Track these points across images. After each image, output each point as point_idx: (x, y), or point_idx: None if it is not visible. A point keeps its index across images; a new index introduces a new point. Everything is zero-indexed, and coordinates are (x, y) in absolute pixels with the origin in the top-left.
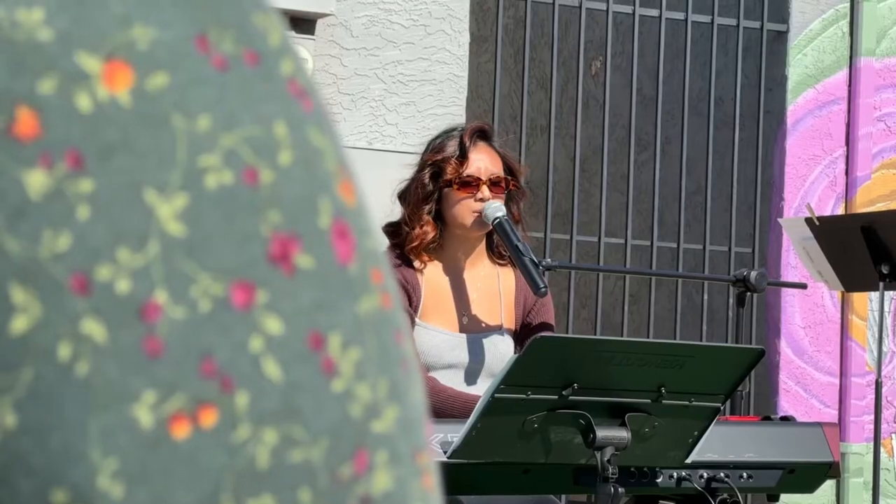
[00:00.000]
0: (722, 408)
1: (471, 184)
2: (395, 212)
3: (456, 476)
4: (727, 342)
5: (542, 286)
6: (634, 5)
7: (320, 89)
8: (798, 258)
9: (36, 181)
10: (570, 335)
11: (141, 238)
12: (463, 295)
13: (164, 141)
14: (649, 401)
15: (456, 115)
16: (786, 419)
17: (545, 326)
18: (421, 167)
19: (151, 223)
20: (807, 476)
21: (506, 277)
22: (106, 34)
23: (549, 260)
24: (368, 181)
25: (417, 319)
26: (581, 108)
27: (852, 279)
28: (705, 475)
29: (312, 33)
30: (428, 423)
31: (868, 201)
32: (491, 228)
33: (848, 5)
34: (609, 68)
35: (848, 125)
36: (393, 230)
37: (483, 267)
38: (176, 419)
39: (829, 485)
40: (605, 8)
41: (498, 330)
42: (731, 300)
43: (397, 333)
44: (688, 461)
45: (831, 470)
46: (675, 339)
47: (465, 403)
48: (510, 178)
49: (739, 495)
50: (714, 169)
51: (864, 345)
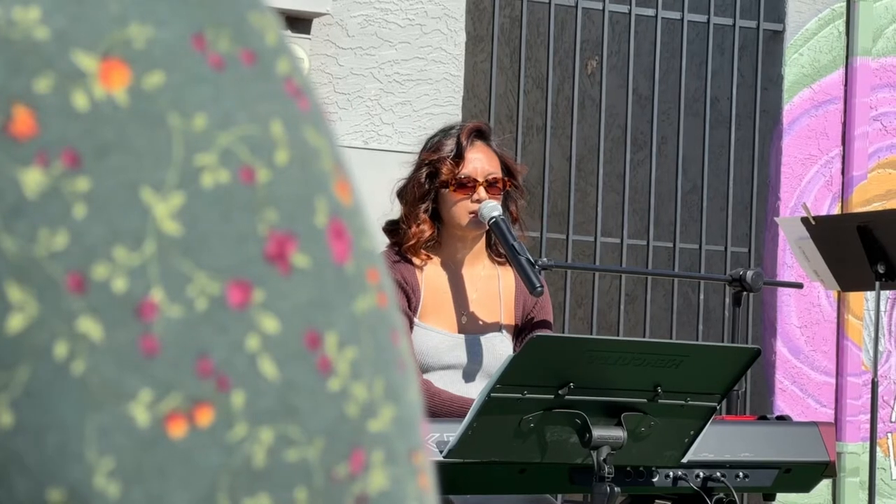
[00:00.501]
0: (718, 407)
1: (467, 185)
2: (394, 210)
3: (452, 475)
4: (723, 342)
5: (539, 286)
6: (630, 5)
7: (316, 89)
8: (794, 258)
9: (32, 180)
10: (567, 335)
11: (137, 237)
12: (462, 294)
13: (161, 140)
14: (645, 400)
15: (452, 115)
16: (782, 419)
17: (544, 325)
18: (418, 166)
19: (148, 222)
20: (803, 475)
21: (506, 277)
22: (102, 33)
23: (546, 259)
24: (364, 180)
25: (416, 320)
26: (577, 108)
27: (848, 279)
28: (701, 474)
29: (308, 32)
30: (424, 423)
31: (864, 201)
32: (486, 228)
33: (844, 5)
34: (605, 68)
35: (844, 125)
36: (393, 228)
37: (483, 266)
38: (172, 418)
39: (826, 484)
40: (602, 7)
41: (497, 330)
42: (728, 300)
43: (393, 333)
44: (684, 460)
45: (827, 469)
46: (672, 339)
47: (462, 407)
48: (507, 179)
49: (735, 495)
50: (710, 168)
51: (861, 344)
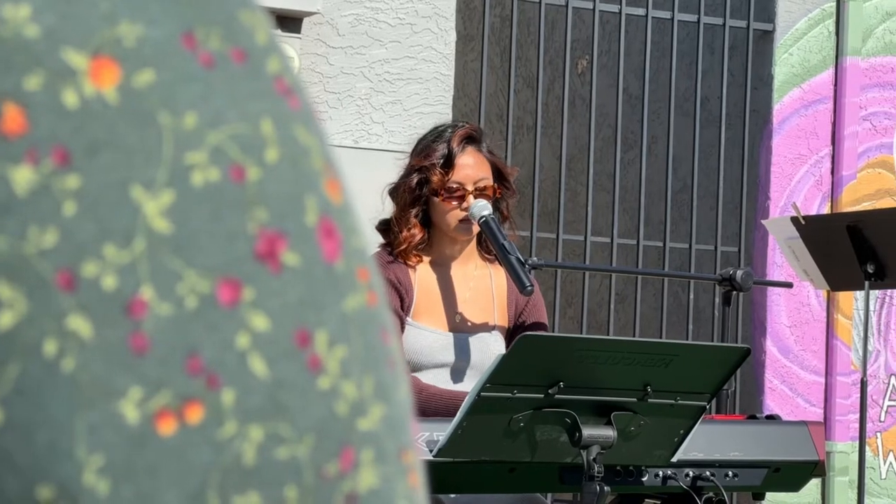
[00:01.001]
0: (707, 406)
1: (456, 193)
2: (385, 210)
3: (442, 475)
4: (713, 341)
5: (528, 285)
6: (621, 4)
7: (307, 87)
8: (784, 257)
9: (22, 177)
10: (556, 334)
11: (127, 234)
12: (454, 294)
13: (151, 138)
14: (635, 399)
15: (442, 114)
16: (771, 418)
17: (538, 326)
18: (408, 171)
19: (138, 220)
20: (792, 475)
21: (498, 276)
22: (93, 31)
23: (535, 259)
24: (355, 180)
25: (409, 319)
26: (567, 107)
27: (838, 278)
28: (691, 474)
29: (299, 32)
30: (414, 422)
31: (854, 200)
32: (477, 231)
33: (834, 5)
34: (595, 67)
35: (834, 124)
36: (386, 228)
37: (475, 265)
38: (162, 416)
39: (815, 483)
40: (592, 7)
41: (489, 329)
42: (717, 299)
43: (383, 331)
44: (673, 460)
45: (816, 469)
46: (661, 338)
47: (449, 401)
48: (497, 185)
49: (725, 494)
50: (700, 168)
51: (850, 344)
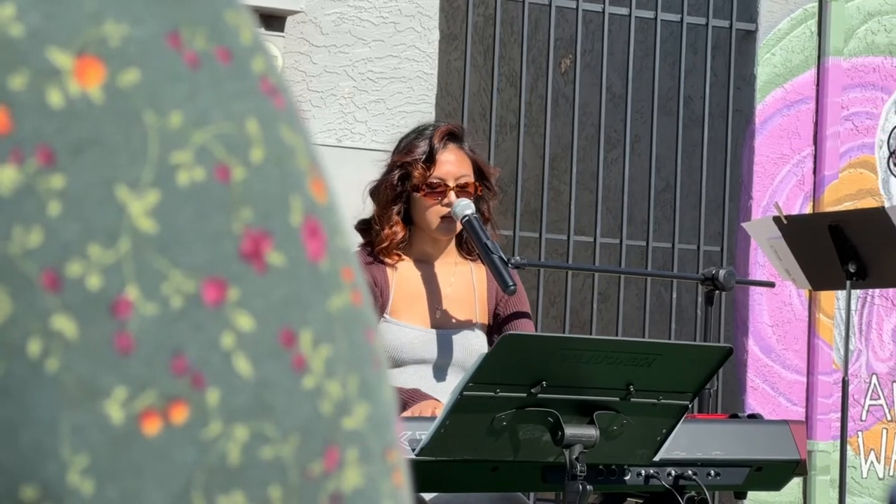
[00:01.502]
0: (690, 406)
1: (437, 189)
2: (367, 209)
3: (424, 473)
4: (695, 340)
5: (511, 284)
6: (604, 4)
7: (291, 87)
8: (766, 257)
9: (6, 177)
10: (539, 333)
11: (112, 234)
12: (435, 291)
13: (136, 137)
14: (618, 399)
15: (425, 113)
16: (753, 417)
17: (519, 315)
18: (390, 168)
19: (123, 219)
20: (774, 474)
21: (479, 273)
22: (78, 30)
23: (518, 258)
24: (338, 179)
25: (387, 316)
26: (550, 106)
27: (820, 278)
28: (673, 473)
29: (282, 30)
30: (398, 421)
31: (836, 200)
32: (460, 229)
33: (816, 5)
34: (579, 66)
35: (816, 124)
36: (365, 227)
37: (455, 262)
38: (147, 415)
39: (796, 482)
40: (575, 6)
41: (471, 326)
42: (700, 298)
43: (368, 331)
44: (656, 459)
45: (798, 468)
46: (644, 338)
47: (409, 399)
48: (478, 183)
49: (707, 493)
50: (683, 167)
51: (832, 343)
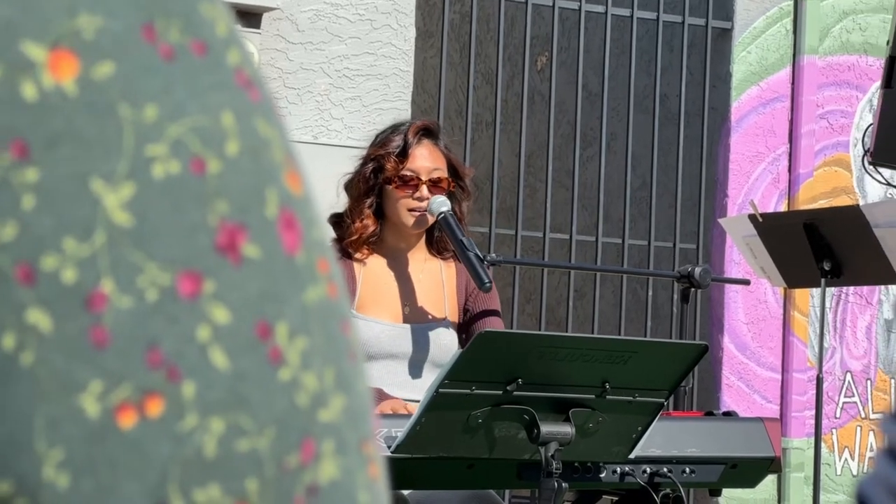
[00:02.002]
0: (665, 403)
1: (409, 182)
2: (340, 203)
3: (400, 471)
4: (671, 338)
5: (487, 281)
6: (580, 1)
7: (266, 80)
8: (742, 254)
9: None
10: (515, 331)
11: (87, 228)
12: (405, 286)
13: (111, 130)
14: (593, 396)
15: (401, 110)
16: (728, 414)
17: (489, 313)
18: (364, 161)
19: (98, 213)
20: (748, 471)
21: (448, 269)
22: (51, 22)
23: (494, 255)
24: (314, 175)
25: (353, 311)
26: (526, 104)
27: (794, 275)
28: (648, 470)
29: (258, 27)
30: (374, 413)
31: (810, 198)
32: (427, 227)
33: (791, 3)
34: (555, 64)
35: (791, 122)
36: (338, 221)
37: (425, 259)
38: (122, 409)
39: (771, 479)
40: (552, 4)
41: (440, 321)
42: (676, 296)
43: (343, 323)
44: (631, 456)
45: (773, 465)
46: (620, 335)
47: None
48: (451, 179)
49: (682, 490)
50: (659, 165)
51: (806, 341)
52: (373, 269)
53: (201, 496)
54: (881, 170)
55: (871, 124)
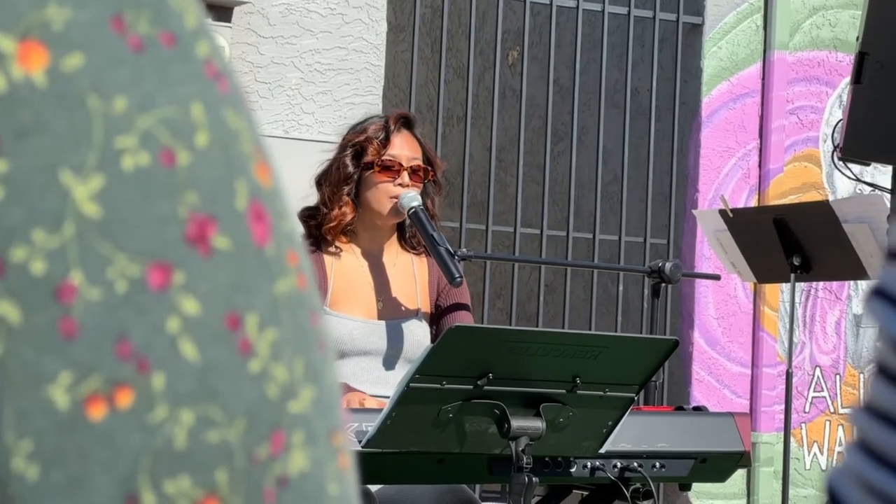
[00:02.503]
0: (636, 398)
1: (392, 168)
2: (312, 199)
3: (370, 465)
4: (642, 333)
5: (458, 276)
6: None
7: (236, 72)
8: (712, 249)
9: None
10: (486, 325)
11: (56, 219)
12: (378, 280)
13: (80, 122)
14: (564, 391)
15: (372, 105)
16: (698, 409)
17: (459, 307)
18: (342, 147)
19: (67, 204)
20: (718, 465)
21: (419, 263)
22: (20, 14)
23: (465, 250)
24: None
25: (326, 308)
26: (498, 98)
27: (764, 271)
28: (619, 465)
29: (229, 21)
30: (343, 404)
31: (780, 194)
32: (404, 217)
33: None
34: (526, 58)
35: (761, 118)
36: (309, 214)
37: (397, 254)
38: (92, 400)
39: (740, 474)
40: None
41: (415, 315)
42: (646, 291)
43: (312, 314)
44: (602, 451)
45: (742, 459)
46: (591, 330)
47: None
48: (430, 169)
49: (652, 485)
50: (630, 160)
51: (776, 335)
52: (346, 264)
53: (171, 487)
54: (850, 165)
55: (841, 120)
